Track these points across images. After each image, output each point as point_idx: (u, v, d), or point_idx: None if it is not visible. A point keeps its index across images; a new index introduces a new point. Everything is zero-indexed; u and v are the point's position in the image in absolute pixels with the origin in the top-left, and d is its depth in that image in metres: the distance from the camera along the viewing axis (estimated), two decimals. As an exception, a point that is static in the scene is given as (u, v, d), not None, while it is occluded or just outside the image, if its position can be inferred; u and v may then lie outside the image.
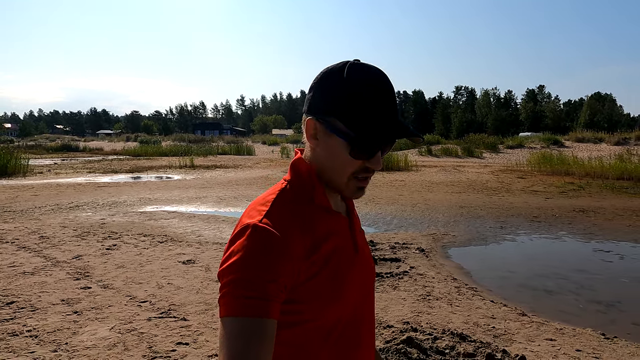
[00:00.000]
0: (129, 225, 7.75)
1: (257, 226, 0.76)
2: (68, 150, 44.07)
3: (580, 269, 5.59)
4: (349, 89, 0.82)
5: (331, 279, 0.83)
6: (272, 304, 0.73)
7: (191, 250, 5.79)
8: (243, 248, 0.74)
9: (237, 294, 0.72)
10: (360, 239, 0.96)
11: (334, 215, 0.89)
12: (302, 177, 0.88)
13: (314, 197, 0.87)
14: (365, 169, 0.85)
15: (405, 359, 2.81)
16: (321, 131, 0.85)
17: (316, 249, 0.82)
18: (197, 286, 4.29)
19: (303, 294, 0.79)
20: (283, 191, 0.86)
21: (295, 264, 0.77)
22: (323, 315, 0.82)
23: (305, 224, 0.82)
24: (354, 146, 0.82)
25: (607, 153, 27.92)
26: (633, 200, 11.82)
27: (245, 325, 0.70)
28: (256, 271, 0.73)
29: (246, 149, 38.85)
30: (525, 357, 2.88)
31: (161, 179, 17.14)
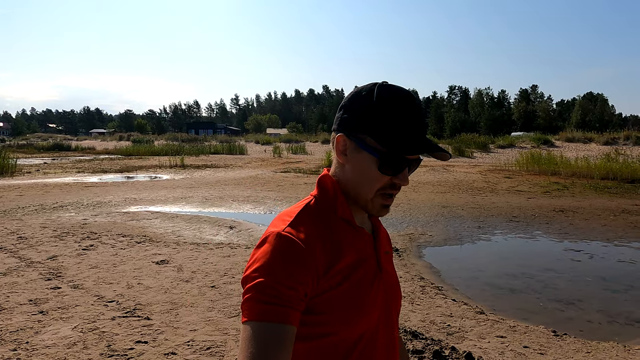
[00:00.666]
0: (110, 225, 7.80)
1: (280, 234, 0.79)
2: (60, 149, 43.86)
3: (548, 268, 5.72)
4: (380, 106, 0.85)
5: (351, 292, 0.83)
6: (293, 311, 0.74)
7: (167, 251, 5.86)
8: (265, 254, 0.77)
9: (259, 299, 0.73)
10: (385, 260, 0.96)
11: (358, 230, 0.91)
12: (327, 191, 0.91)
13: (337, 209, 0.89)
14: (392, 185, 0.87)
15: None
16: (351, 148, 0.88)
17: (337, 261, 0.83)
18: (166, 286, 4.37)
19: (323, 305, 0.80)
20: (308, 205, 0.89)
21: (316, 274, 0.79)
22: (343, 330, 0.82)
23: (328, 236, 0.84)
24: (383, 161, 0.84)
25: (596, 153, 28.21)
26: (613, 200, 12.00)
27: (265, 330, 0.71)
28: (278, 278, 0.74)
29: (238, 149, 38.80)
30: (471, 353, 2.99)
31: (150, 179, 17.15)
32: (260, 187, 14.02)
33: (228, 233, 7.38)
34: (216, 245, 6.28)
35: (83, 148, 45.63)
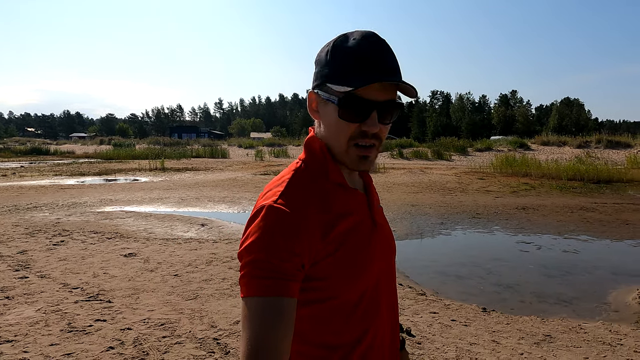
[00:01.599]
0: (83, 224, 7.96)
1: (271, 206, 0.78)
2: (38, 153, 43.18)
3: (496, 258, 6.13)
4: (334, 51, 0.83)
5: (350, 255, 0.83)
6: (291, 283, 0.74)
7: (136, 245, 6.09)
8: (259, 229, 0.76)
9: (255, 274, 0.73)
10: (379, 215, 0.95)
11: (351, 191, 0.89)
12: (315, 154, 0.89)
13: (328, 173, 0.87)
14: (362, 133, 0.83)
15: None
16: (319, 102, 0.87)
17: (333, 226, 0.82)
18: (131, 275, 4.62)
19: (323, 271, 0.80)
20: (297, 170, 0.87)
21: (312, 242, 0.78)
22: (345, 291, 0.83)
23: (321, 202, 0.83)
24: (340, 105, 0.81)
25: (569, 156, 29.21)
26: (575, 198, 12.58)
27: (264, 304, 0.72)
28: (272, 251, 0.74)
29: (221, 152, 38.87)
30: (401, 325, 3.32)
31: (128, 182, 17.20)
32: (238, 189, 14.25)
33: (199, 230, 7.62)
34: (185, 241, 6.52)
35: (62, 152, 45.03)
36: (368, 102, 0.80)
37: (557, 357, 2.94)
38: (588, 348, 3.10)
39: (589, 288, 4.82)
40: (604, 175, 18.27)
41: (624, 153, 29.11)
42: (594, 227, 8.36)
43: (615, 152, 30.76)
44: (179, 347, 2.93)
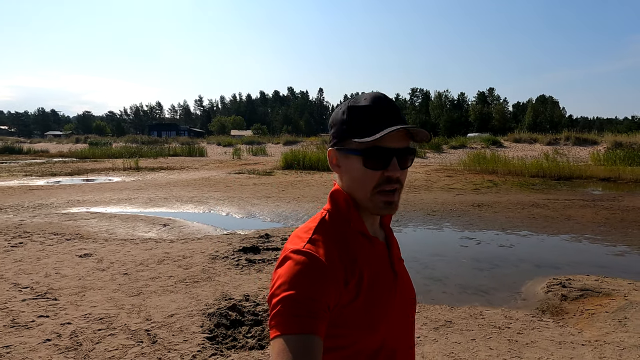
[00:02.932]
0: (46, 225, 8.12)
1: (301, 251, 0.84)
2: (10, 152, 42.34)
3: (436, 254, 6.58)
4: (351, 111, 0.92)
5: (369, 304, 0.86)
6: (320, 322, 0.77)
7: (94, 246, 6.32)
8: (289, 271, 0.81)
9: (288, 313, 0.77)
10: (399, 266, 1.00)
11: (372, 240, 0.95)
12: (339, 204, 0.95)
13: (351, 221, 0.93)
14: (386, 179, 0.90)
15: (224, 320, 3.57)
16: (340, 157, 0.95)
17: (354, 274, 0.86)
18: (82, 274, 4.88)
19: (344, 318, 0.84)
20: (323, 219, 0.94)
21: (336, 287, 0.82)
22: (363, 340, 0.86)
23: (344, 250, 0.88)
24: (365, 156, 0.89)
25: (539, 153, 30.21)
26: (531, 195, 13.22)
27: (295, 341, 0.74)
28: (302, 291, 0.78)
29: (198, 151, 38.77)
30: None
31: (99, 182, 17.21)
32: (208, 188, 14.47)
33: (160, 230, 7.88)
34: (142, 241, 6.79)
35: (36, 151, 44.22)
36: (389, 150, 0.89)
37: (448, 338, 3.36)
38: (479, 331, 3.53)
39: (509, 279, 5.30)
40: (565, 172, 19.12)
41: (589, 150, 30.29)
42: (538, 222, 8.92)
43: (582, 149, 31.97)
44: (111, 338, 3.24)
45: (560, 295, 4.50)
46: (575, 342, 3.34)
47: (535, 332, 3.53)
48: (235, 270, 5.13)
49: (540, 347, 3.23)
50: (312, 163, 23.26)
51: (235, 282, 4.67)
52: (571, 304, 4.31)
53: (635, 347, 3.23)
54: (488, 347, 3.24)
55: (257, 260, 5.54)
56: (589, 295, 4.48)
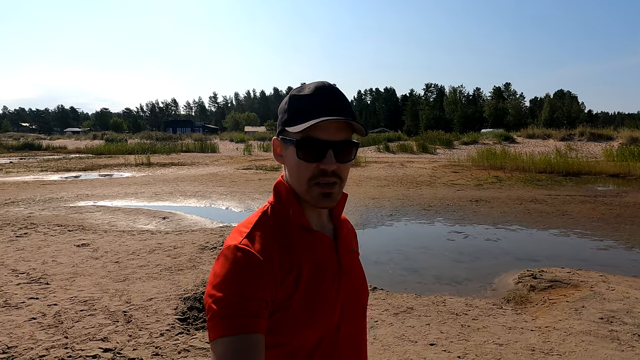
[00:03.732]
0: (52, 217, 8.54)
1: (237, 247, 0.82)
2: (30, 148, 43.66)
3: (421, 246, 6.74)
4: (290, 100, 0.91)
5: (309, 299, 0.85)
6: (257, 319, 0.76)
7: (92, 237, 6.67)
8: (224, 269, 0.79)
9: (223, 314, 0.75)
10: (347, 259, 0.97)
11: (314, 234, 0.92)
12: (281, 196, 0.93)
13: (291, 214, 0.91)
14: (321, 171, 0.88)
15: (198, 303, 3.83)
16: (282, 147, 0.93)
17: (294, 268, 0.85)
18: (76, 262, 5.21)
19: (282, 314, 0.82)
20: (264, 213, 0.92)
21: (272, 283, 0.80)
22: (300, 336, 0.84)
23: (284, 244, 0.86)
24: (297, 146, 0.87)
25: (552, 148, 29.84)
26: (532, 191, 13.19)
27: (232, 343, 0.73)
28: (237, 289, 0.76)
29: (210, 147, 39.37)
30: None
31: (110, 177, 17.75)
32: (214, 183, 14.82)
33: (158, 222, 8.21)
34: (140, 232, 7.11)
35: (54, 147, 45.49)
36: (323, 142, 0.86)
37: (404, 323, 3.55)
38: (436, 317, 3.71)
39: (485, 271, 5.44)
40: (574, 168, 18.91)
41: (603, 146, 29.76)
42: (531, 217, 8.97)
43: (596, 145, 31.44)
44: (90, 317, 3.53)
45: (529, 286, 4.64)
46: (525, 327, 3.49)
47: (490, 318, 3.69)
48: (220, 259, 5.40)
49: (490, 332, 3.40)
50: (320, 159, 23.52)
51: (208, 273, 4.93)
52: (538, 294, 4.44)
53: (582, 333, 3.37)
54: (439, 330, 3.42)
55: (243, 251, 5.80)
56: (557, 287, 4.60)
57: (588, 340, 3.22)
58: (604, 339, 3.25)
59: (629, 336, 3.27)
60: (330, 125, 0.86)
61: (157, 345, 3.06)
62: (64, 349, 2.97)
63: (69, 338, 3.15)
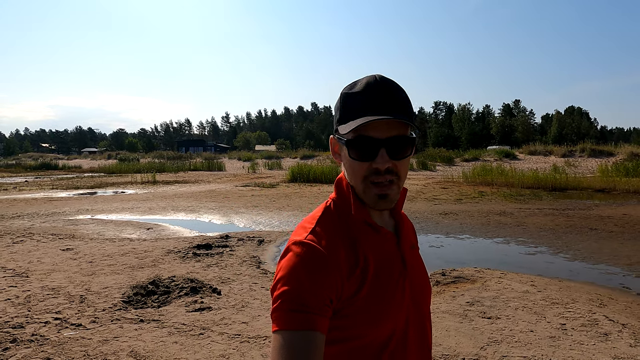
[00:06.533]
0: (50, 229, 9.56)
1: (302, 242, 0.83)
2: (47, 168, 45.64)
3: (367, 252, 7.51)
4: (342, 98, 0.91)
5: (375, 295, 0.85)
6: (320, 318, 0.77)
7: (78, 243, 7.63)
8: (290, 264, 0.80)
9: (286, 308, 0.76)
10: (410, 256, 0.97)
11: (379, 230, 0.91)
12: (342, 192, 0.94)
13: (353, 210, 0.90)
14: (375, 171, 0.87)
15: (142, 290, 4.70)
16: (338, 146, 0.93)
17: (360, 264, 0.85)
18: (56, 262, 6.15)
19: (348, 310, 0.82)
20: (327, 208, 0.93)
21: (339, 279, 0.80)
22: (370, 332, 0.84)
23: (349, 240, 0.87)
24: (349, 146, 0.87)
25: (552, 165, 30.31)
26: (508, 204, 13.80)
27: (294, 337, 0.74)
28: (303, 285, 0.77)
29: (217, 165, 40.69)
30: (220, 290, 4.77)
31: (113, 194, 18.91)
32: (207, 199, 15.79)
33: (142, 232, 9.16)
34: (120, 240, 8.05)
35: (70, 167, 47.49)
36: (374, 140, 0.85)
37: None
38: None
39: (409, 271, 6.19)
40: (561, 183, 19.45)
41: (603, 161, 30.06)
42: (486, 228, 9.65)
43: (596, 161, 31.72)
44: (53, 299, 4.43)
45: (435, 281, 5.38)
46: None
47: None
48: (178, 260, 6.27)
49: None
50: (316, 176, 24.40)
51: (172, 268, 5.81)
52: (439, 287, 5.18)
53: (442, 312, 4.12)
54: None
55: (202, 254, 6.67)
56: (458, 282, 5.34)
57: (442, 316, 3.98)
58: (455, 315, 4.00)
59: (475, 314, 4.01)
60: (381, 122, 0.85)
61: (97, 316, 3.93)
62: (24, 318, 3.86)
63: (31, 311, 4.05)
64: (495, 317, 3.92)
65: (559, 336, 3.49)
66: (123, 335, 3.54)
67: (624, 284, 5.60)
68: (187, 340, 3.46)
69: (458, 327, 3.72)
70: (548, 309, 4.15)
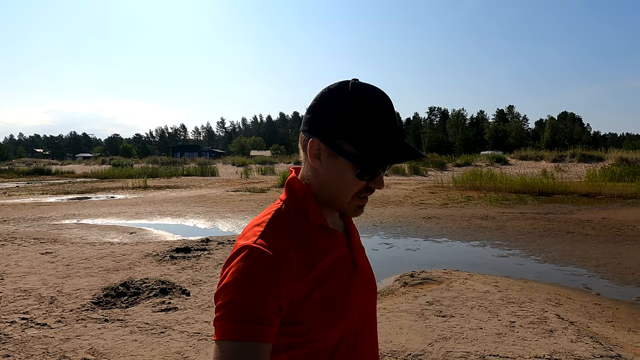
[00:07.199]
0: (34, 233, 9.63)
1: (251, 247, 0.78)
2: (40, 173, 45.50)
3: (344, 255, 7.63)
4: (354, 110, 0.83)
5: (328, 297, 0.83)
6: (266, 328, 0.74)
7: (58, 247, 7.71)
8: (237, 270, 0.76)
9: (231, 317, 0.73)
10: (359, 256, 0.97)
11: (331, 232, 0.90)
12: (297, 195, 0.90)
13: (310, 215, 0.88)
14: (367, 188, 0.87)
15: (113, 292, 4.81)
16: (325, 152, 0.86)
17: (312, 266, 0.82)
18: (33, 265, 6.24)
19: (301, 314, 0.80)
20: (278, 211, 0.88)
21: (291, 284, 0.78)
22: (323, 334, 0.83)
23: (301, 242, 0.84)
24: (361, 168, 0.84)
25: (543, 170, 30.61)
26: (493, 209, 13.97)
27: (238, 349, 0.71)
28: (250, 293, 0.73)
29: (210, 170, 40.75)
30: (190, 291, 4.88)
31: (102, 199, 18.96)
32: (195, 204, 15.88)
33: (124, 236, 9.25)
34: (101, 244, 8.15)
35: (62, 172, 47.36)
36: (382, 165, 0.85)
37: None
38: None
39: (383, 274, 6.30)
40: (548, 188, 19.70)
41: (592, 166, 30.41)
42: (465, 232, 9.81)
43: (586, 166, 32.06)
44: (23, 300, 4.53)
45: (403, 282, 5.52)
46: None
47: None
48: (155, 263, 6.38)
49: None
50: (307, 181, 24.55)
51: (146, 271, 5.91)
52: (406, 288, 5.32)
53: (401, 310, 4.25)
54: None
55: (179, 257, 6.78)
56: (425, 282, 5.48)
57: (400, 315, 4.11)
58: (412, 314, 4.13)
59: (431, 313, 4.15)
60: None
61: (63, 316, 4.04)
62: (-9, 318, 3.97)
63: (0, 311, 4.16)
64: (449, 316, 4.06)
65: (505, 333, 3.63)
66: (85, 334, 3.65)
67: (586, 284, 5.77)
68: (147, 338, 3.58)
69: (412, 325, 3.86)
70: (503, 307, 4.30)
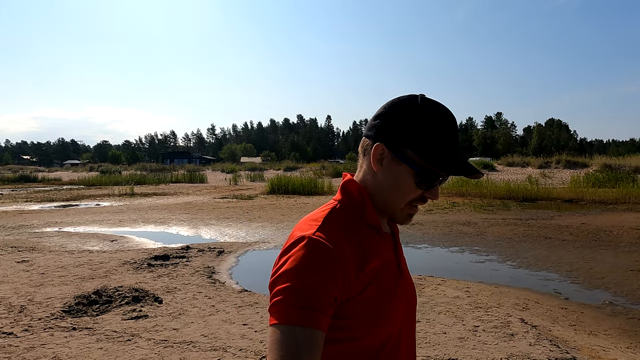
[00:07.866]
0: (13, 241, 9.53)
1: (311, 238, 0.80)
2: (26, 181, 44.87)
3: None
4: (423, 121, 0.87)
5: (376, 298, 0.85)
6: (322, 316, 0.75)
7: (36, 255, 7.66)
8: (297, 258, 0.77)
9: (290, 303, 0.74)
10: (404, 264, 0.99)
11: (383, 236, 0.93)
12: (353, 197, 0.93)
13: (366, 216, 0.91)
14: (421, 198, 0.91)
15: (85, 300, 4.81)
16: (389, 157, 0.89)
17: (365, 266, 0.84)
18: (8, 273, 6.19)
19: (351, 310, 0.82)
20: (334, 209, 0.91)
21: (346, 278, 0.79)
22: (369, 334, 0.84)
23: (355, 241, 0.86)
24: (421, 176, 0.87)
25: (528, 176, 31.00)
26: (475, 215, 14.12)
27: (295, 333, 0.73)
28: (309, 282, 0.75)
29: (199, 177, 40.56)
30: (162, 299, 4.89)
31: (88, 206, 18.80)
32: (180, 211, 15.83)
33: (104, 244, 9.20)
34: (80, 252, 8.10)
35: (49, 179, 46.75)
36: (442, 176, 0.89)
37: (241, 312, 4.51)
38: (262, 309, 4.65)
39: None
40: (532, 194, 19.99)
41: (577, 172, 30.88)
42: (446, 237, 9.92)
43: (571, 172, 32.53)
44: (-8, 309, 4.51)
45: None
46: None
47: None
48: (132, 271, 6.37)
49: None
50: (295, 188, 24.55)
51: (122, 278, 5.91)
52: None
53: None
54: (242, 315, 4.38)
55: (157, 265, 6.78)
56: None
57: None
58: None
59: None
60: None
61: (31, 325, 4.04)
62: (-43, 327, 3.94)
63: (-34, 321, 4.13)
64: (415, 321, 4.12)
65: (467, 337, 3.70)
66: (51, 342, 3.65)
67: (557, 289, 5.88)
68: (113, 346, 3.59)
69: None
70: (469, 312, 4.38)
